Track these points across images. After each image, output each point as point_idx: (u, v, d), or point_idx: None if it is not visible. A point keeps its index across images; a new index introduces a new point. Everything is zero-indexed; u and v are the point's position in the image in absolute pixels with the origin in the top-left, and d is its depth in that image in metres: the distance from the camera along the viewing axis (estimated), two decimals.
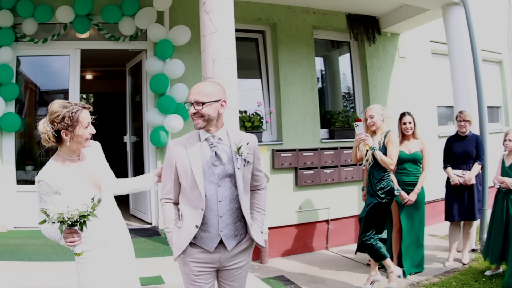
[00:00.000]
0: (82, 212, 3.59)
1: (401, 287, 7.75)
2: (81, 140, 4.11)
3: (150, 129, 9.24)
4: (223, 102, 4.14)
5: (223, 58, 6.70)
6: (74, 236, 3.74)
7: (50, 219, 3.58)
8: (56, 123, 3.98)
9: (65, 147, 4.14)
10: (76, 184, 4.05)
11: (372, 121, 7.39)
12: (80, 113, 4.08)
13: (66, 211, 3.54)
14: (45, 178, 3.99)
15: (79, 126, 4.05)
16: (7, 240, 8.03)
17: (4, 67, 8.52)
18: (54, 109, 4.01)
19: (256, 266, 9.29)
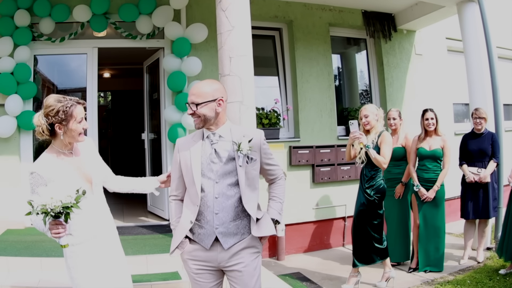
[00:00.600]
0: (65, 204, 3.62)
1: (416, 284, 7.75)
2: (74, 134, 4.15)
3: (168, 126, 9.25)
4: (220, 101, 4.11)
5: (240, 55, 6.65)
6: (59, 227, 3.75)
7: (35, 210, 3.62)
8: (51, 117, 4.04)
9: (58, 141, 4.20)
10: (67, 177, 4.09)
11: (367, 121, 7.44)
12: (74, 108, 4.12)
13: (50, 202, 3.57)
14: (38, 170, 4.04)
15: (73, 121, 4.10)
16: (24, 237, 8.07)
17: (22, 66, 8.59)
18: (49, 103, 4.08)
19: (273, 263, 9.27)
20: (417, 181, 8.25)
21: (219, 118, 4.15)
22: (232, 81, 6.59)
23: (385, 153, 7.29)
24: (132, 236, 8.55)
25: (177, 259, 7.12)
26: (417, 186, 8.20)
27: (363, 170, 7.57)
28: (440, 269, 8.26)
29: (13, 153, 8.82)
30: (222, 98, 4.12)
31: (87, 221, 4.17)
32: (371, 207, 7.44)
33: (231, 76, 6.61)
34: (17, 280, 6.60)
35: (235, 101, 6.54)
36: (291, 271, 8.64)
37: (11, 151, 8.82)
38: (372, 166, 7.41)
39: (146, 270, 7.11)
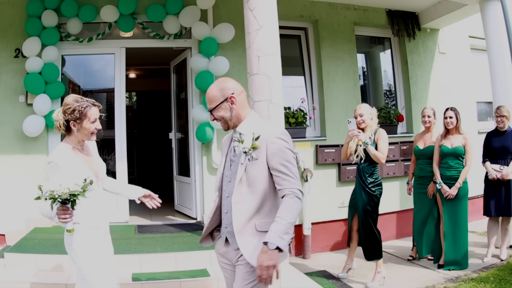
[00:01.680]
0: (72, 191, 3.88)
1: (440, 281, 7.66)
2: (87, 133, 4.42)
3: (196, 125, 9.21)
4: (231, 98, 3.92)
5: (268, 54, 6.63)
6: (66, 213, 3.98)
7: (43, 196, 3.88)
8: (67, 114, 4.33)
9: (73, 136, 4.44)
10: (78, 168, 4.33)
11: (362, 119, 7.61)
12: (89, 109, 4.39)
13: (58, 189, 3.84)
14: (55, 159, 4.26)
15: (86, 120, 4.37)
16: (52, 235, 8.05)
17: (50, 65, 8.63)
18: (67, 102, 4.37)
19: (299, 261, 9.20)
20: (440, 179, 8.24)
21: (237, 115, 3.97)
22: (260, 80, 6.59)
23: (382, 149, 7.52)
24: (160, 234, 8.54)
25: (205, 257, 7.07)
26: (440, 184, 8.20)
27: (362, 168, 7.69)
28: (463, 267, 8.19)
29: (41, 152, 8.84)
30: (233, 94, 3.93)
31: (94, 211, 4.44)
32: (374, 202, 7.66)
33: (259, 75, 6.61)
34: (46, 277, 6.65)
35: (264, 100, 6.55)
36: (317, 269, 8.58)
37: (40, 150, 8.87)
38: (371, 163, 7.60)
39: (174, 267, 7.11)
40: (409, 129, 11.02)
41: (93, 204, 4.41)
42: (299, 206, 3.74)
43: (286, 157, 3.78)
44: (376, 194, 7.62)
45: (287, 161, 3.77)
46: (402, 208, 10.66)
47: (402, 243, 10.25)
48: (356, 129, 7.41)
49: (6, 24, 8.90)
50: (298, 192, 3.75)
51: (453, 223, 8.21)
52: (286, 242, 3.67)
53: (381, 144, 7.55)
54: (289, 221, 3.67)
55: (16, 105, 8.86)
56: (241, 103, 3.97)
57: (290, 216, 3.68)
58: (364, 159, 7.60)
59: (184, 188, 10.29)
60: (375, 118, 7.76)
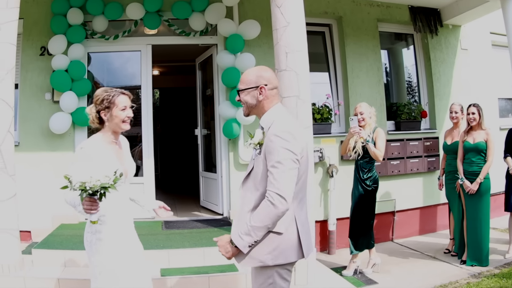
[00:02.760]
0: (103, 184, 3.78)
1: (463, 277, 7.63)
2: (118, 121, 4.35)
3: (223, 121, 9.17)
4: (261, 88, 3.83)
5: (296, 50, 6.57)
6: (93, 205, 3.89)
7: (72, 186, 3.77)
8: (97, 105, 4.33)
9: (106, 128, 4.41)
10: (109, 161, 4.26)
11: (362, 117, 7.78)
12: (117, 97, 4.34)
13: (89, 180, 3.74)
14: (87, 147, 4.24)
15: (115, 108, 4.31)
16: (79, 231, 7.82)
17: (76, 63, 8.61)
18: (97, 93, 4.38)
19: (324, 257, 9.15)
20: (462, 174, 8.28)
21: (261, 106, 3.89)
22: (288, 76, 6.53)
23: (380, 147, 7.71)
24: (188, 229, 8.47)
25: None
26: (462, 179, 8.26)
27: (360, 164, 7.90)
28: (483, 264, 8.14)
29: (68, 149, 8.81)
30: (265, 85, 3.83)
31: (121, 208, 4.39)
32: (369, 196, 7.88)
33: (287, 71, 6.55)
34: (74, 273, 6.63)
35: (292, 96, 6.49)
36: (342, 265, 8.50)
37: (66, 147, 8.84)
38: (369, 159, 7.80)
39: (203, 262, 7.05)
40: (432, 125, 10.89)
41: (121, 200, 4.37)
42: (270, 211, 3.53)
43: (278, 158, 3.59)
44: (371, 189, 7.84)
45: (278, 162, 3.58)
46: (425, 204, 10.58)
47: (425, 239, 10.19)
48: (358, 127, 7.60)
49: (31, 22, 8.87)
50: (274, 195, 3.53)
51: (475, 219, 8.19)
52: (244, 243, 3.63)
53: (379, 142, 7.74)
54: (253, 224, 3.58)
55: (42, 102, 8.84)
56: (268, 97, 3.88)
57: (255, 220, 3.58)
58: (361, 155, 7.80)
59: (210, 184, 10.23)
60: (374, 116, 7.92)
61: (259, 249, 3.70)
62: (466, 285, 7.20)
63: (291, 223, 3.76)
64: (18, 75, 8.60)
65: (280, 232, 3.69)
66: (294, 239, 3.77)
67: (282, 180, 3.55)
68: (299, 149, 3.68)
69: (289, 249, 3.75)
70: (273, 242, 3.70)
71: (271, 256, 3.70)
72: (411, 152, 10.23)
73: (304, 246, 3.82)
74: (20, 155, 8.21)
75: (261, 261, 3.71)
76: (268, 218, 3.55)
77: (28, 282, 6.31)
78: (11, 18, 6.35)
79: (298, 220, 3.80)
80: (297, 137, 3.70)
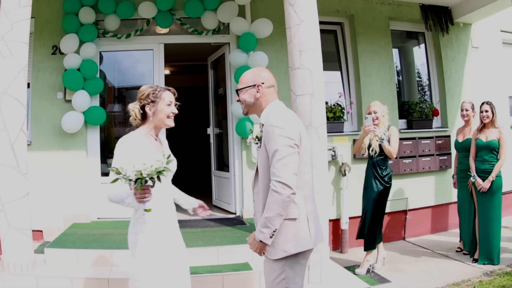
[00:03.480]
0: (158, 168, 3.72)
1: (476, 275, 7.56)
2: (163, 116, 4.30)
3: (235, 120, 9.09)
4: (258, 86, 3.99)
5: (309, 49, 6.50)
6: (146, 192, 3.82)
7: (127, 177, 3.69)
8: (142, 100, 4.27)
9: (148, 124, 4.35)
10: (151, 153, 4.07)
11: (376, 116, 7.78)
12: (163, 92, 4.31)
13: (143, 167, 3.67)
14: (128, 140, 4.18)
15: (161, 102, 4.27)
16: (92, 230, 8.08)
17: (88, 62, 8.58)
18: (142, 89, 4.34)
19: (337, 255, 9.07)
20: (474, 172, 8.24)
21: (259, 104, 4.02)
22: (302, 74, 6.48)
23: (394, 145, 7.75)
24: (201, 228, 8.41)
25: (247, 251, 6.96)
26: (474, 177, 8.21)
27: (376, 161, 7.89)
28: (494, 262, 8.07)
29: (80, 148, 8.84)
30: (262, 83, 3.98)
31: (165, 205, 4.31)
32: (386, 193, 7.95)
33: (301, 69, 6.50)
34: (88, 272, 6.63)
35: (306, 94, 6.44)
36: (354, 263, 8.48)
37: (78, 146, 8.83)
38: (385, 157, 7.83)
39: (217, 261, 7.01)
40: (444, 124, 10.77)
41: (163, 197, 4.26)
42: (276, 198, 3.64)
43: (275, 146, 3.69)
44: (388, 186, 7.90)
45: (276, 150, 3.69)
46: (437, 203, 10.48)
47: (437, 238, 10.11)
48: (372, 125, 7.60)
49: (43, 21, 8.83)
50: (276, 184, 3.64)
51: (487, 217, 8.14)
52: (265, 236, 3.73)
53: (393, 140, 7.77)
54: (266, 215, 3.70)
55: (54, 101, 8.79)
56: (266, 94, 4.01)
57: (267, 210, 3.69)
58: (378, 153, 7.79)
59: (222, 183, 10.17)
60: (387, 115, 7.92)
61: (280, 239, 3.78)
62: (479, 283, 7.14)
63: (302, 209, 3.86)
64: (29, 74, 8.56)
65: (293, 217, 3.81)
66: (305, 226, 3.86)
67: (281, 167, 3.65)
68: (297, 135, 3.78)
69: (306, 235, 3.86)
70: (291, 229, 3.81)
71: (293, 244, 3.80)
72: (423, 151, 10.13)
73: (313, 235, 3.90)
74: (32, 155, 8.14)
75: (285, 250, 3.80)
76: (278, 205, 3.65)
77: (41, 281, 6.29)
78: (23, 17, 6.30)
79: (307, 207, 3.91)
80: (292, 124, 3.82)
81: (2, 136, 6.17)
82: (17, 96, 6.24)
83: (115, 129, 9.91)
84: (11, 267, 6.26)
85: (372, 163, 7.92)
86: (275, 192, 3.62)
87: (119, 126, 9.97)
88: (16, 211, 6.22)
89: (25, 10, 6.32)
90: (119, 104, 10.06)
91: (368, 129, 7.58)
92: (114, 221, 8.79)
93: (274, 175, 3.65)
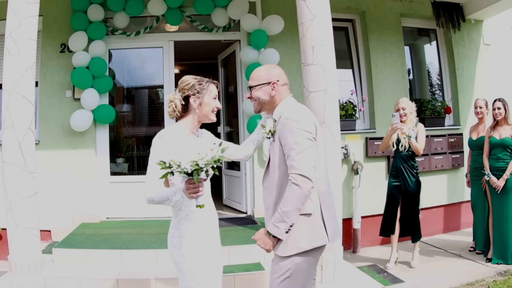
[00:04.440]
0: (214, 157, 3.36)
1: (489, 275, 7.43)
2: (208, 110, 4.00)
3: (246, 118, 8.98)
4: (274, 84, 3.90)
5: (322, 44, 6.38)
6: (199, 186, 3.48)
7: (183, 169, 3.33)
8: (186, 90, 3.94)
9: (189, 118, 4.03)
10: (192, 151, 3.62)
11: (404, 112, 7.81)
12: (210, 84, 4.02)
13: (199, 157, 3.32)
14: (168, 135, 3.84)
15: (208, 95, 3.97)
16: (101, 230, 8.04)
17: (97, 60, 8.49)
18: (185, 79, 4.02)
19: (348, 255, 8.95)
20: (488, 170, 8.11)
21: (273, 102, 3.95)
22: (315, 70, 6.37)
23: (421, 142, 7.74)
24: None
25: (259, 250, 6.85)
26: (488, 175, 8.09)
27: (407, 156, 7.89)
28: (508, 262, 7.93)
29: (89, 147, 8.77)
30: (277, 81, 3.91)
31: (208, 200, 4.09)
32: (420, 185, 8.04)
33: (314, 65, 6.39)
34: (96, 272, 6.57)
35: (319, 90, 6.33)
36: (367, 263, 8.38)
37: (87, 145, 8.77)
38: (413, 153, 7.84)
39: (228, 261, 6.88)
40: (456, 122, 10.59)
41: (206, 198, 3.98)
42: (296, 192, 3.54)
43: (294, 139, 3.61)
44: (419, 181, 7.99)
45: (294, 143, 3.60)
46: (449, 202, 10.32)
47: (449, 237, 9.97)
48: (399, 123, 7.58)
49: (51, 19, 8.76)
50: (296, 177, 3.54)
51: (501, 216, 7.98)
52: (281, 231, 3.63)
53: (420, 137, 7.76)
54: (284, 209, 3.57)
55: (62, 100, 8.72)
56: (280, 93, 3.94)
57: (285, 204, 3.57)
58: (407, 149, 7.78)
59: (233, 182, 10.08)
60: (414, 112, 7.93)
61: (293, 235, 3.68)
62: (493, 283, 7.01)
63: (317, 204, 3.76)
64: (38, 72, 8.53)
65: (309, 213, 3.72)
66: (319, 221, 3.77)
67: (301, 160, 3.56)
68: (313, 128, 3.72)
69: (321, 231, 3.77)
70: (305, 224, 3.72)
71: (307, 239, 3.72)
72: (435, 149, 9.96)
73: (329, 230, 3.81)
74: (41, 153, 8.10)
75: (298, 246, 3.71)
76: (297, 199, 3.54)
77: (49, 281, 6.25)
78: (31, 14, 6.23)
79: (322, 202, 3.80)
80: (309, 118, 3.76)
81: (10, 134, 6.11)
82: (25, 93, 6.16)
83: (124, 129, 9.87)
84: (18, 267, 6.19)
85: (401, 157, 7.92)
86: (295, 186, 3.52)
87: (128, 125, 9.94)
88: (23, 211, 6.15)
89: (33, 7, 6.26)
90: (128, 102, 10.01)
91: (395, 126, 7.57)
92: (123, 220, 8.72)
93: (294, 168, 3.55)
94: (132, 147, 9.76)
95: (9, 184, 6.13)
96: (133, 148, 9.81)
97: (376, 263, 8.35)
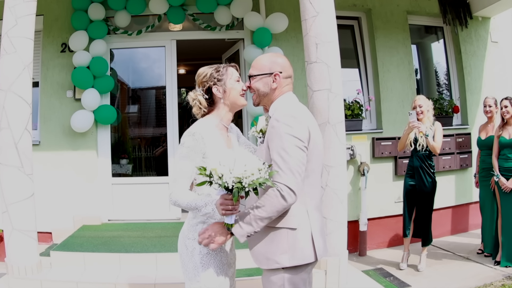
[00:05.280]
0: (259, 179, 2.99)
1: (498, 279, 7.31)
2: (235, 94, 3.73)
3: (251, 118, 8.86)
4: (275, 75, 3.53)
5: (326, 41, 6.17)
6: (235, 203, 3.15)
7: (223, 183, 3.00)
8: (205, 82, 3.70)
9: (218, 110, 3.75)
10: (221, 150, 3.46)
11: (421, 110, 7.69)
12: (228, 67, 3.75)
13: (244, 175, 2.96)
14: (200, 132, 3.50)
15: (229, 78, 3.71)
16: (102, 233, 8.01)
17: (98, 59, 8.42)
18: (201, 71, 3.76)
19: (355, 258, 8.82)
20: (498, 171, 7.97)
21: (271, 95, 3.60)
22: (319, 68, 6.17)
23: (438, 141, 7.67)
24: None
25: None
26: (497, 176, 7.94)
27: (424, 155, 7.81)
28: None
29: (90, 148, 8.71)
30: (280, 73, 3.54)
31: None
32: (436, 186, 7.92)
33: (318, 63, 6.19)
34: (94, 276, 6.49)
35: (324, 89, 6.13)
36: (373, 267, 8.28)
37: (88, 146, 8.70)
38: (430, 152, 7.77)
39: None
40: (464, 121, 10.43)
41: None
42: (278, 202, 3.17)
43: (282, 145, 3.24)
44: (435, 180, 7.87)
45: (283, 149, 3.23)
46: (457, 203, 10.15)
47: (457, 239, 9.80)
48: (416, 121, 7.50)
49: (52, 19, 8.70)
50: (283, 188, 3.16)
51: (510, 218, 7.85)
52: (243, 232, 3.27)
53: (437, 135, 7.67)
54: (257, 213, 3.20)
55: (63, 100, 8.65)
56: (282, 85, 3.59)
57: (260, 210, 3.20)
58: (424, 148, 7.69)
59: None
60: (431, 110, 7.80)
61: (273, 249, 3.39)
62: (501, 287, 6.94)
63: (304, 219, 3.40)
64: (38, 72, 8.51)
65: (293, 227, 3.37)
66: (308, 237, 3.40)
67: (289, 171, 3.20)
68: (305, 134, 3.33)
69: (306, 248, 3.39)
70: (287, 239, 3.37)
71: (288, 256, 3.35)
72: (443, 149, 9.63)
73: (317, 247, 3.42)
74: (41, 155, 8.13)
75: (277, 262, 3.37)
76: (275, 210, 3.19)
77: (45, 285, 6.17)
78: (28, 12, 6.16)
79: (311, 216, 3.45)
80: (302, 122, 3.36)
81: (6, 135, 6.02)
82: (22, 93, 6.07)
83: (127, 130, 9.82)
84: (15, 270, 6.14)
85: (419, 157, 7.83)
86: (280, 196, 3.16)
87: (132, 126, 9.92)
88: (20, 213, 6.08)
89: (29, 5, 6.18)
90: (131, 102, 9.98)
91: (412, 125, 7.53)
92: (125, 223, 8.65)
93: (281, 178, 3.18)
94: (135, 148, 9.67)
95: (5, 185, 6.05)
96: (136, 149, 9.71)
97: (383, 266, 8.25)
